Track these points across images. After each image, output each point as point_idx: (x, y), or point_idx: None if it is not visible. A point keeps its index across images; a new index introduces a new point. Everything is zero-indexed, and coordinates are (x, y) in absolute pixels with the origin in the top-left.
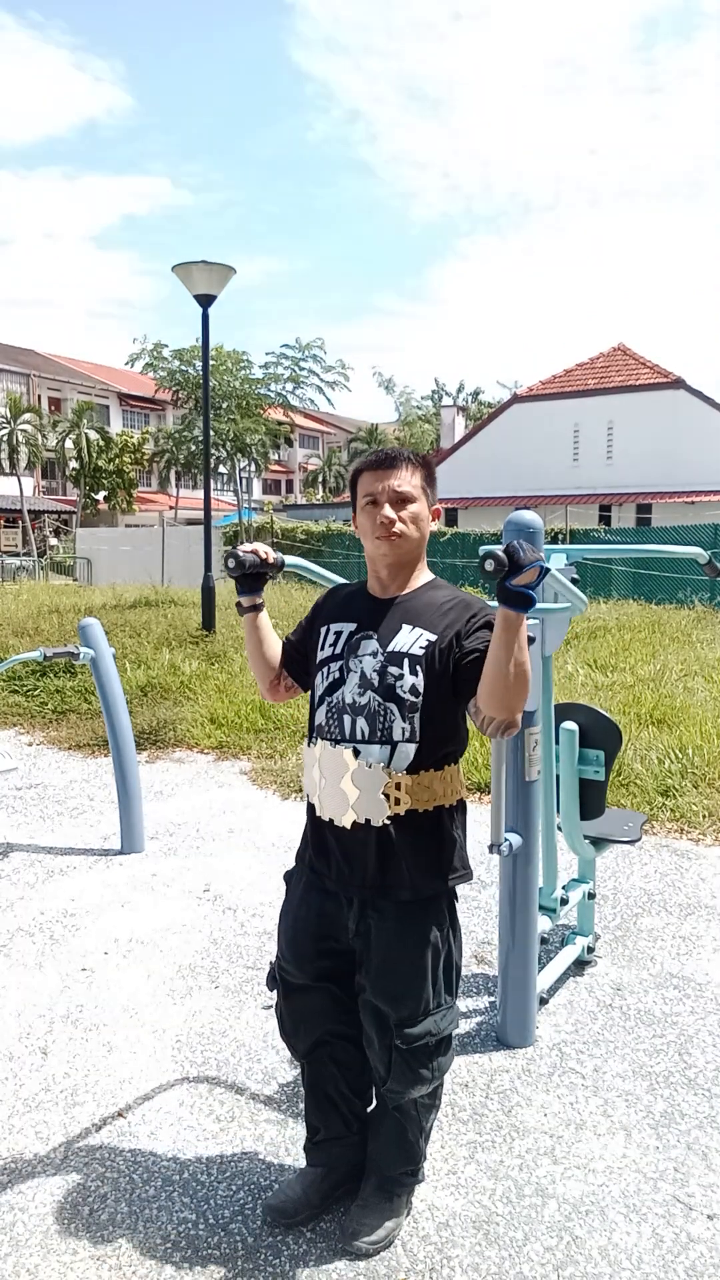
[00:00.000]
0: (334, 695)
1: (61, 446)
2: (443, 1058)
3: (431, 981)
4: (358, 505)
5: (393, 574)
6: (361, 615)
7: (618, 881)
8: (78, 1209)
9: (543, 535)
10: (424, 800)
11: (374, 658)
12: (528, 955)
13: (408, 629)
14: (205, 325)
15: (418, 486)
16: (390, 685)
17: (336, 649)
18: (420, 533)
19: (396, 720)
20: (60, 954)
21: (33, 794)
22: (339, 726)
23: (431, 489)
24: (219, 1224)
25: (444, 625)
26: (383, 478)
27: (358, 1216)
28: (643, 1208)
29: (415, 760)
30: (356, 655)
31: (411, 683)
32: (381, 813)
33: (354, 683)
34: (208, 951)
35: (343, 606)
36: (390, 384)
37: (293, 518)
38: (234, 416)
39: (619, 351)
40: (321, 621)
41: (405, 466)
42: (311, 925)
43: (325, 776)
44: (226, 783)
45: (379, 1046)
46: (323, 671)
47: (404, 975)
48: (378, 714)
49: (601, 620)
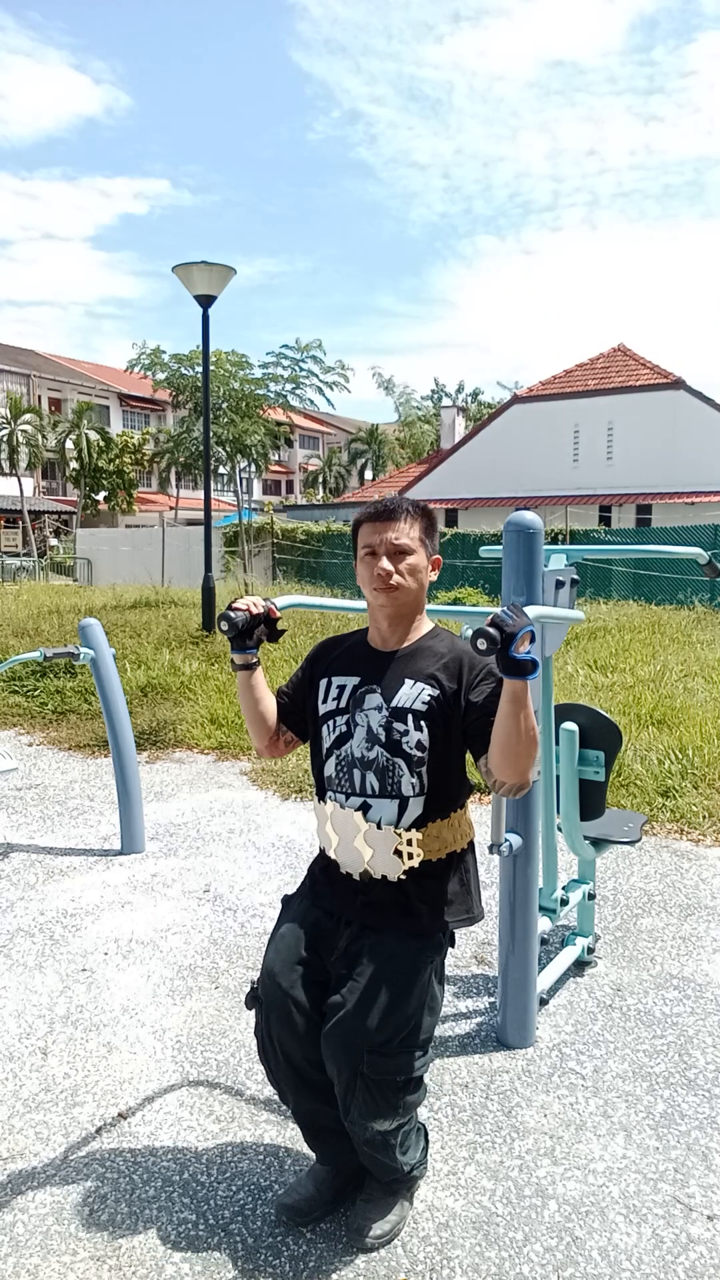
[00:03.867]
0: (342, 749)
1: (62, 447)
2: (410, 1096)
3: (412, 1013)
4: (358, 556)
5: (393, 625)
6: (363, 669)
7: (618, 882)
8: (78, 1209)
9: (543, 536)
10: (435, 850)
11: (379, 712)
12: (528, 956)
13: (410, 684)
14: (205, 326)
15: (416, 539)
16: (396, 741)
17: (341, 703)
18: (419, 584)
19: (404, 775)
20: (60, 954)
21: (33, 794)
22: (349, 780)
23: (431, 540)
24: (219, 1224)
25: (446, 679)
26: (381, 530)
27: (363, 1211)
28: (643, 1208)
29: (424, 814)
30: (362, 709)
31: (417, 738)
32: (396, 869)
33: (361, 737)
34: (208, 952)
35: (343, 659)
36: (390, 384)
37: (293, 518)
38: (233, 418)
39: (619, 352)
40: (321, 674)
41: (404, 518)
42: (303, 932)
43: (339, 834)
44: (227, 783)
45: (344, 1076)
46: (328, 725)
47: (391, 997)
48: (386, 769)
49: (601, 621)
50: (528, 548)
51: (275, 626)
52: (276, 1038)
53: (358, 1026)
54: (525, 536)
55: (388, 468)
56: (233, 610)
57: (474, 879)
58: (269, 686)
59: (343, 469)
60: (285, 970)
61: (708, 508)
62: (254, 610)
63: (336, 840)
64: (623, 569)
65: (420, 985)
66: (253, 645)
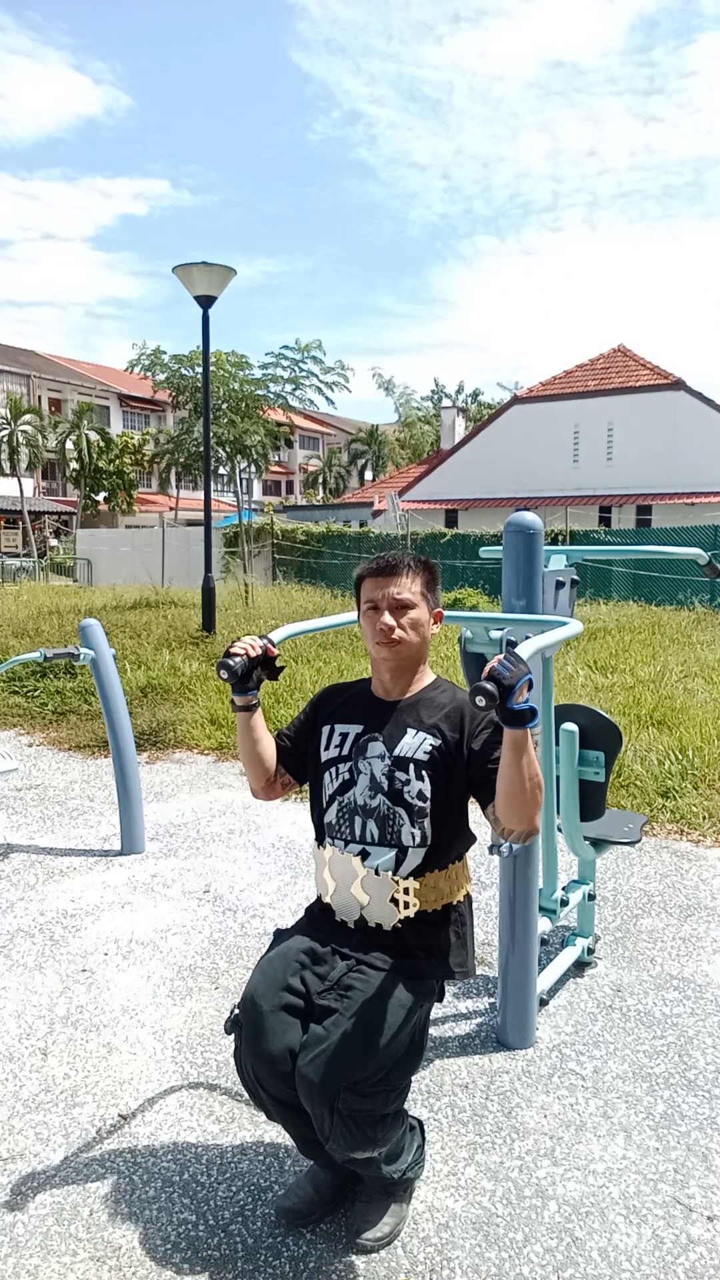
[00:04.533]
0: (345, 796)
1: (62, 447)
2: (389, 1130)
3: (396, 1054)
4: (360, 609)
5: (395, 677)
6: (366, 717)
7: (618, 883)
8: (78, 1209)
9: (543, 536)
10: (431, 900)
11: (381, 760)
12: (528, 956)
13: (412, 733)
14: (205, 326)
15: (418, 593)
16: (398, 790)
17: (344, 750)
18: (421, 638)
19: (405, 825)
20: (60, 955)
21: (33, 795)
22: (350, 827)
23: (433, 594)
24: (219, 1225)
25: (448, 729)
26: (384, 585)
27: (361, 1213)
28: (643, 1209)
29: (422, 864)
30: (364, 757)
31: (419, 788)
32: (392, 918)
33: (364, 785)
34: (208, 952)
35: (346, 708)
36: (390, 385)
37: (293, 519)
38: (233, 419)
39: (619, 352)
40: (324, 721)
41: (406, 574)
42: (293, 960)
43: (336, 880)
44: (227, 784)
45: (319, 1111)
46: (330, 772)
47: (377, 1034)
48: (388, 818)
49: (601, 621)
50: (528, 548)
51: (274, 664)
52: (250, 1066)
53: (337, 1060)
54: (525, 537)
55: (388, 468)
56: (230, 657)
57: (470, 933)
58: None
59: (343, 469)
60: (268, 994)
61: (708, 508)
62: (251, 653)
63: (334, 886)
64: (623, 569)
65: (409, 1027)
66: (253, 687)
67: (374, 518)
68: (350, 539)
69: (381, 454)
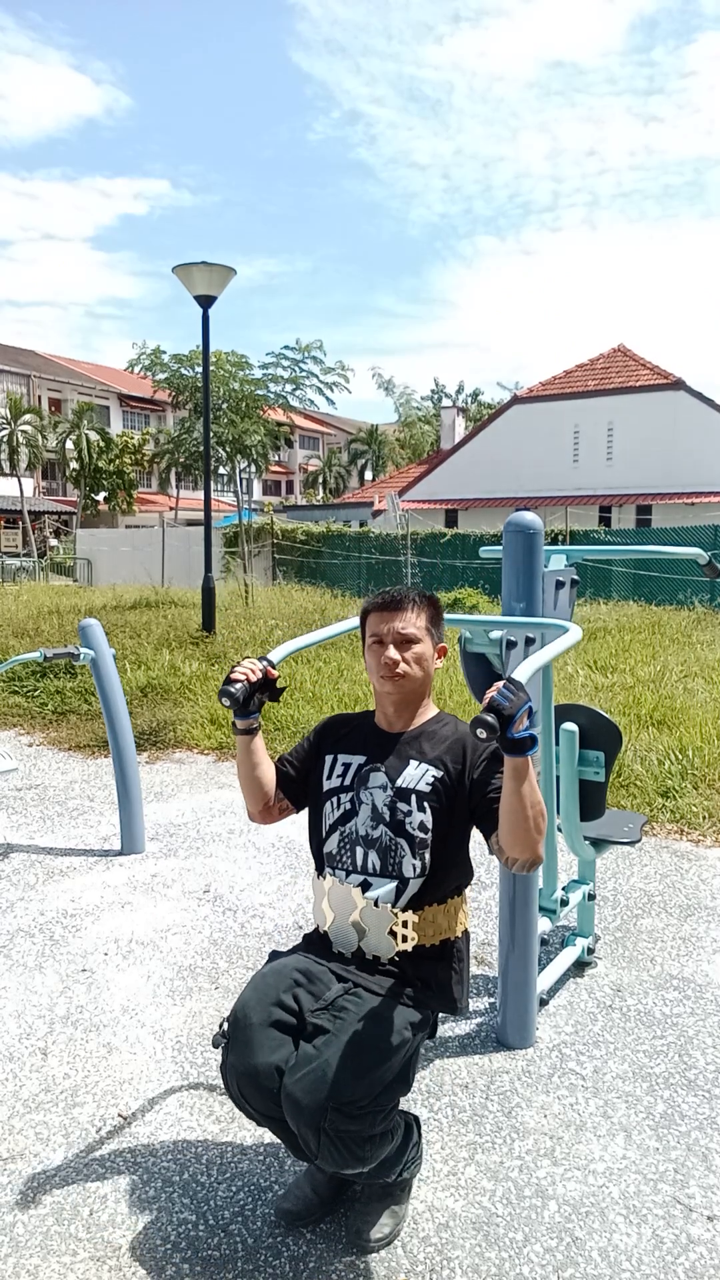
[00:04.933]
0: (347, 826)
1: (62, 447)
2: (378, 1148)
3: (387, 1079)
4: (365, 643)
5: (398, 711)
6: (369, 748)
7: (618, 883)
8: (78, 1209)
9: (543, 536)
10: (430, 935)
11: (383, 791)
12: (528, 956)
13: (414, 764)
14: (205, 326)
15: (422, 628)
16: (400, 821)
17: (346, 780)
18: (424, 672)
19: (407, 856)
20: (60, 955)
21: (33, 795)
22: (351, 858)
23: (437, 628)
24: (219, 1225)
25: (450, 761)
26: (389, 619)
27: (361, 1213)
28: (643, 1209)
29: (422, 896)
30: (366, 788)
31: (420, 819)
32: (390, 950)
33: (366, 815)
34: (208, 952)
35: (350, 738)
36: (390, 385)
37: (293, 519)
38: (233, 419)
39: (619, 352)
40: (328, 750)
41: (411, 608)
42: (288, 977)
43: (335, 911)
44: (227, 784)
45: (305, 1130)
46: (332, 802)
47: (369, 1057)
48: (389, 849)
49: (601, 621)
50: (528, 548)
51: (275, 686)
52: (236, 1081)
53: (326, 1080)
54: (525, 537)
55: (388, 468)
56: (231, 684)
57: (466, 971)
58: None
59: (343, 469)
60: (259, 1008)
61: (708, 508)
62: (252, 678)
63: (332, 917)
64: (623, 569)
65: (400, 1054)
66: (255, 710)
67: (374, 518)
68: (350, 539)
69: (381, 454)
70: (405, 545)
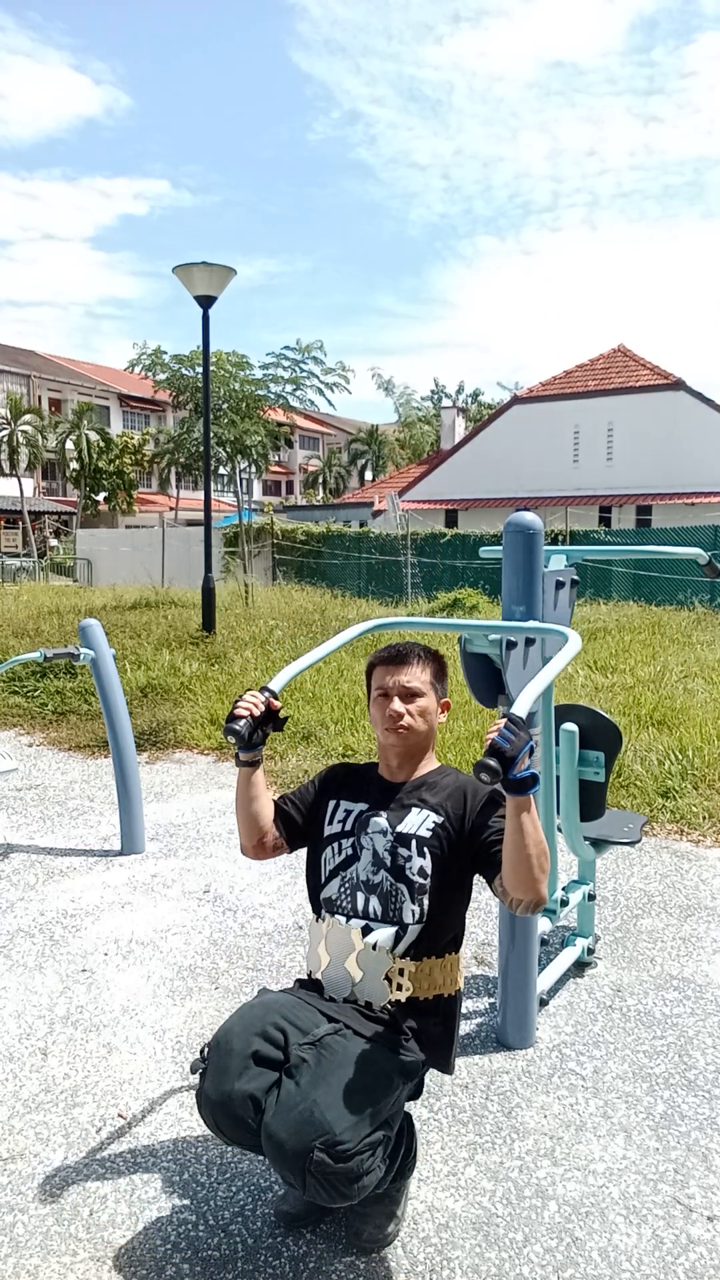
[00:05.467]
0: (348, 871)
1: (62, 447)
2: (368, 1176)
3: (375, 1121)
4: (370, 696)
5: (401, 763)
6: (372, 796)
7: (618, 883)
8: (78, 1209)
9: (543, 536)
10: (425, 989)
11: (384, 836)
12: (528, 957)
13: (416, 811)
14: (205, 326)
15: (427, 682)
16: (400, 866)
17: (346, 826)
18: (428, 725)
19: (407, 902)
20: (60, 955)
21: (33, 795)
22: (352, 902)
23: (441, 683)
24: (219, 1225)
25: (450, 808)
26: (394, 673)
27: (360, 1214)
28: (643, 1209)
29: (420, 944)
30: (367, 833)
31: (420, 865)
32: (383, 997)
33: (367, 860)
34: (208, 952)
35: (352, 786)
36: (390, 385)
37: (293, 519)
38: (233, 419)
39: (619, 352)
40: (331, 796)
41: (416, 662)
42: (276, 1010)
43: (331, 954)
44: (227, 784)
45: (288, 1171)
46: (332, 847)
47: (359, 1098)
48: (390, 894)
49: (601, 621)
50: (528, 548)
51: (278, 717)
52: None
53: (313, 1120)
54: (525, 537)
55: (388, 468)
56: (235, 720)
57: (456, 1030)
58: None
59: (343, 469)
60: (242, 1035)
61: (708, 508)
62: (255, 713)
63: (327, 961)
64: (623, 569)
65: (391, 1099)
66: (259, 742)
67: (374, 518)
68: (350, 539)
69: (381, 454)
70: (405, 545)
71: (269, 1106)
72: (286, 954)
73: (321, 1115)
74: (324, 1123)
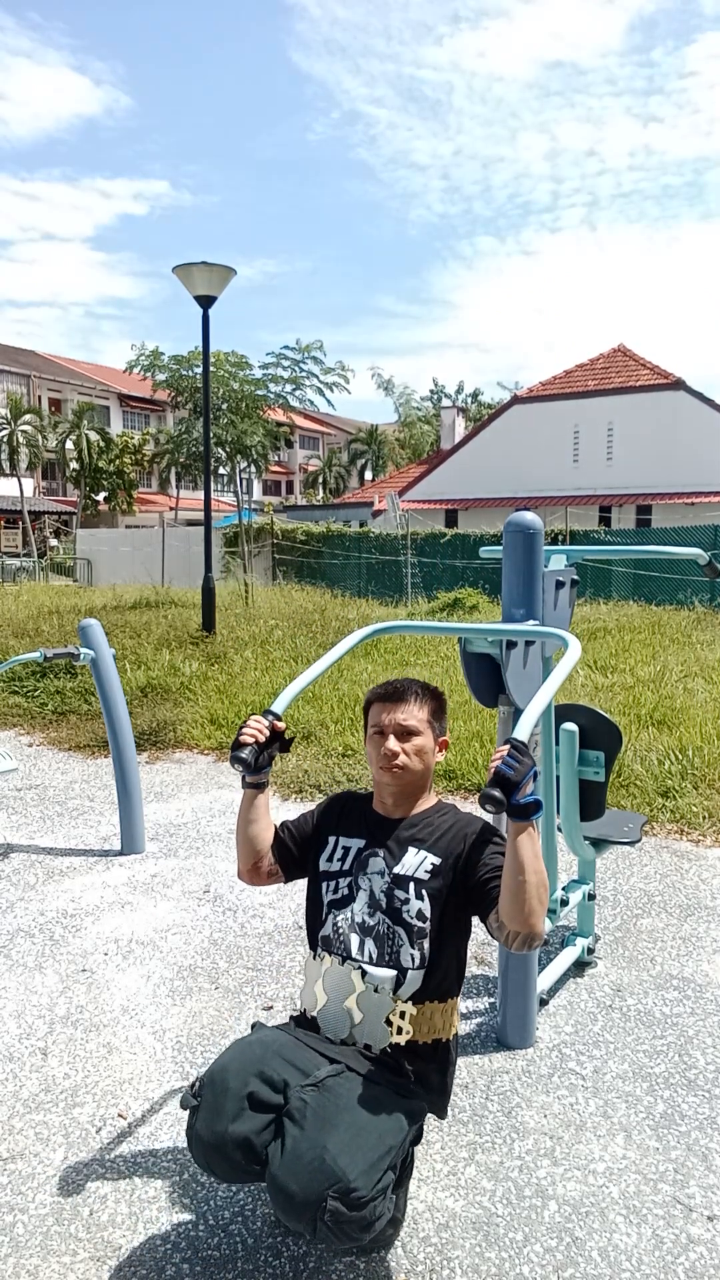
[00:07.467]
0: (343, 911)
1: (62, 447)
2: (380, 1221)
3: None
4: (367, 733)
5: (397, 802)
6: (369, 832)
7: (618, 883)
8: (78, 1209)
9: (543, 536)
10: (425, 1033)
11: (381, 877)
12: (528, 956)
13: (413, 852)
14: (205, 326)
15: (424, 720)
16: (397, 909)
17: (345, 864)
18: (424, 764)
19: (404, 945)
20: (60, 955)
21: (33, 795)
22: (346, 944)
23: (439, 721)
24: (219, 1225)
25: (447, 848)
26: (390, 710)
27: None
28: (643, 1209)
29: (421, 989)
30: (365, 873)
31: (418, 908)
32: (383, 1040)
33: (363, 901)
34: (208, 952)
35: (350, 820)
36: (390, 385)
37: (293, 519)
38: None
39: (619, 352)
40: (329, 831)
41: (413, 700)
42: (274, 1047)
43: (329, 994)
44: (227, 783)
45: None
46: (329, 884)
47: (368, 1141)
48: (386, 937)
49: (601, 621)
50: (528, 548)
51: (284, 738)
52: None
53: (325, 1167)
54: (525, 537)
55: (388, 468)
56: (240, 747)
57: (451, 1079)
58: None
59: (343, 469)
60: (240, 1074)
61: (708, 508)
62: (260, 738)
63: (324, 1001)
64: (623, 569)
65: (402, 1142)
66: (265, 766)
67: (374, 518)
68: (350, 539)
69: (381, 454)
70: (405, 545)
71: (274, 1157)
72: (286, 954)
73: (334, 1162)
74: (337, 1170)
